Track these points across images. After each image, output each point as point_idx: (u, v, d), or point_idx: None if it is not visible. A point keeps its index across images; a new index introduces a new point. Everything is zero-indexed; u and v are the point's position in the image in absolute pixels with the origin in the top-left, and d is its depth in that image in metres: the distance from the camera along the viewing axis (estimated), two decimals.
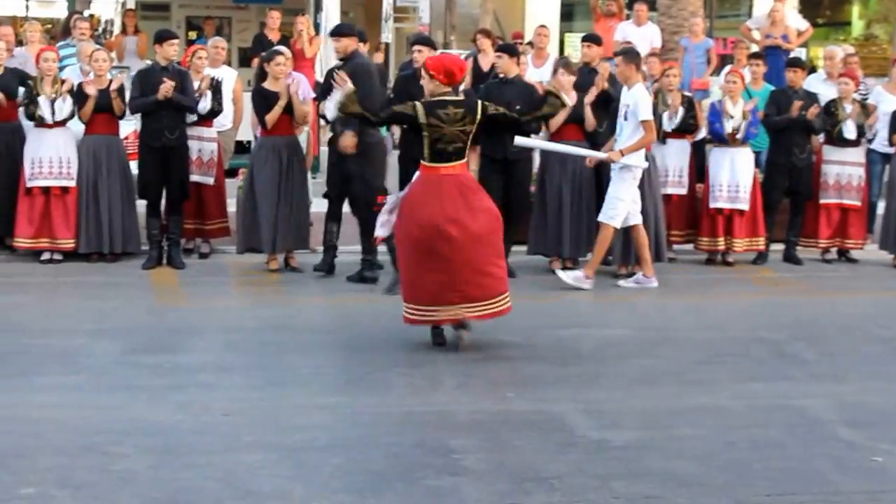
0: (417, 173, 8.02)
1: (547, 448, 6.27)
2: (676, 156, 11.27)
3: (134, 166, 10.97)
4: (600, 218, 10.22)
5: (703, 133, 11.37)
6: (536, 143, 10.29)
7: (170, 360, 7.76)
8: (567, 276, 10.16)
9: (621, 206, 10.14)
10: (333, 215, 10.32)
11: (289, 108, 10.41)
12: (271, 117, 10.32)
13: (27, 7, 25.98)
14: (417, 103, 7.93)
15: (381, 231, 8.14)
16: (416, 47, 10.41)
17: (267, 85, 10.46)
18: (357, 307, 9.25)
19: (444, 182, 7.84)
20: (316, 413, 6.74)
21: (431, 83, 7.95)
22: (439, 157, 7.86)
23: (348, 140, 9.70)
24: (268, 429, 6.48)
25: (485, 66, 13.48)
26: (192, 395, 7.01)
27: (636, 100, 10.03)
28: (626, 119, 10.10)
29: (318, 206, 10.71)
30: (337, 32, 10.13)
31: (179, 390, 7.10)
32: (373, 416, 6.72)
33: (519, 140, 9.98)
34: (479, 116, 7.88)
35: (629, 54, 10.35)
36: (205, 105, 10.82)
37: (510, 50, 11.02)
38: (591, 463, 6.06)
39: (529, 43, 14.69)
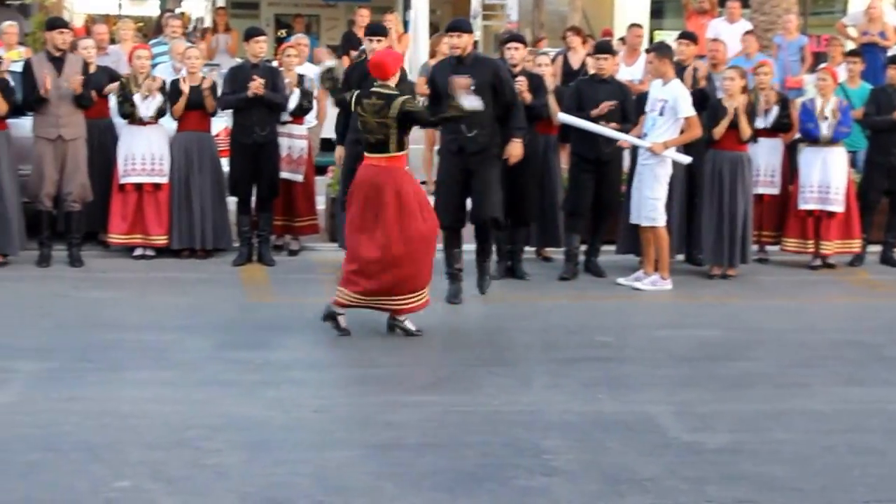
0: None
1: (639, 450, 6.20)
2: (768, 155, 11.09)
3: (225, 163, 11.05)
4: (644, 223, 10.06)
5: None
6: (578, 121, 10.13)
7: (260, 357, 7.79)
8: (644, 284, 10.03)
9: (660, 205, 9.99)
10: None
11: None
12: None
13: (120, 5, 26.37)
14: (356, 91, 8.29)
15: None
16: (510, 45, 10.23)
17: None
18: (445, 306, 9.21)
19: (367, 171, 8.16)
20: (405, 411, 6.73)
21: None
22: (368, 148, 8.20)
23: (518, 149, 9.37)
24: (357, 426, 6.49)
25: (575, 63, 13.38)
26: (282, 392, 7.04)
27: (675, 96, 9.85)
28: (661, 114, 9.92)
29: None
30: (456, 28, 9.33)
31: (270, 386, 7.13)
32: (462, 415, 6.69)
33: (562, 116, 9.95)
34: (394, 111, 8.02)
35: (661, 49, 10.21)
36: (294, 102, 10.88)
37: (610, 50, 10.89)
38: (684, 466, 5.98)
39: (620, 40, 14.57)
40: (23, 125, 10.72)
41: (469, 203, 9.25)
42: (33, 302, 9.35)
